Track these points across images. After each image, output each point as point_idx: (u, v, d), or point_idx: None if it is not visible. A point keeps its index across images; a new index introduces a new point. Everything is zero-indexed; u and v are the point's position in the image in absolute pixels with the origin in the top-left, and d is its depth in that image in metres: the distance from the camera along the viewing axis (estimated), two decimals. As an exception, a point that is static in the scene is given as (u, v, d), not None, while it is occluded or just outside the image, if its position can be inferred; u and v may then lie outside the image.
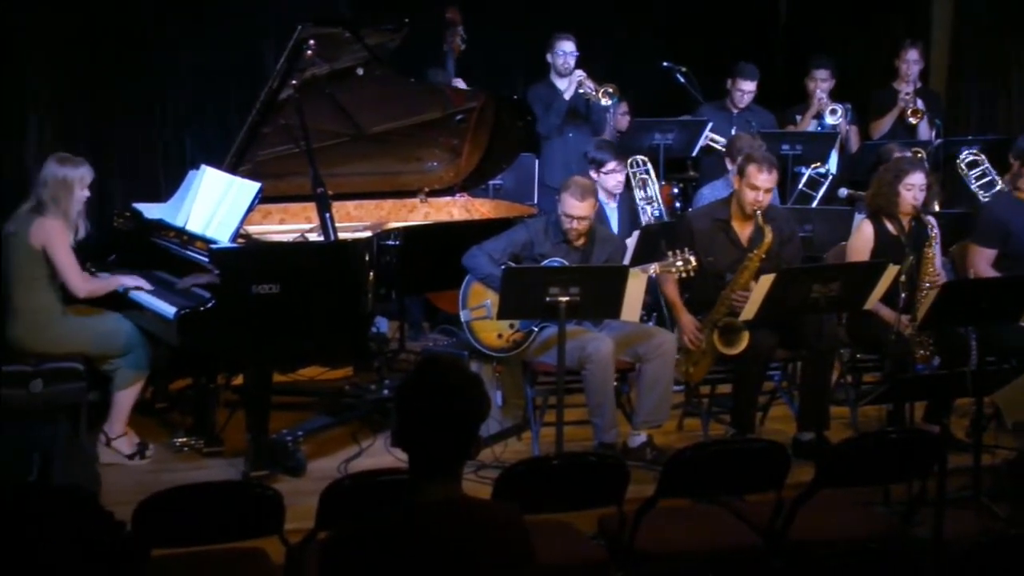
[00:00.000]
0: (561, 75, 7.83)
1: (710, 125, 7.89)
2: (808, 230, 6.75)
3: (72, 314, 5.55)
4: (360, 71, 6.02)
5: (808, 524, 4.20)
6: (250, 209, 5.52)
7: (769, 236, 5.77)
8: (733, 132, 7.57)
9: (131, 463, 5.66)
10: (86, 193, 5.56)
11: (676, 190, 8.17)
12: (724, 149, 7.25)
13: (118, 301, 5.67)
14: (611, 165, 6.77)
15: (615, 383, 5.72)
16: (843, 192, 7.85)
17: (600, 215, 6.61)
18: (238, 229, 5.49)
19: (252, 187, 5.52)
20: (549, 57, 7.85)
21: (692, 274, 5.71)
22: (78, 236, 5.55)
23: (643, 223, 7.10)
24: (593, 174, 6.73)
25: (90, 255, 5.66)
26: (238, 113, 7.02)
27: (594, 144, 7.05)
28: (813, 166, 7.76)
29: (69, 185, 5.48)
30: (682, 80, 8.41)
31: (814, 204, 7.64)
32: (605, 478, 4.09)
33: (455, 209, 7.07)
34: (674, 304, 5.96)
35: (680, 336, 5.87)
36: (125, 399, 5.64)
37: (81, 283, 5.53)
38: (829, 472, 4.30)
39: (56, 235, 5.44)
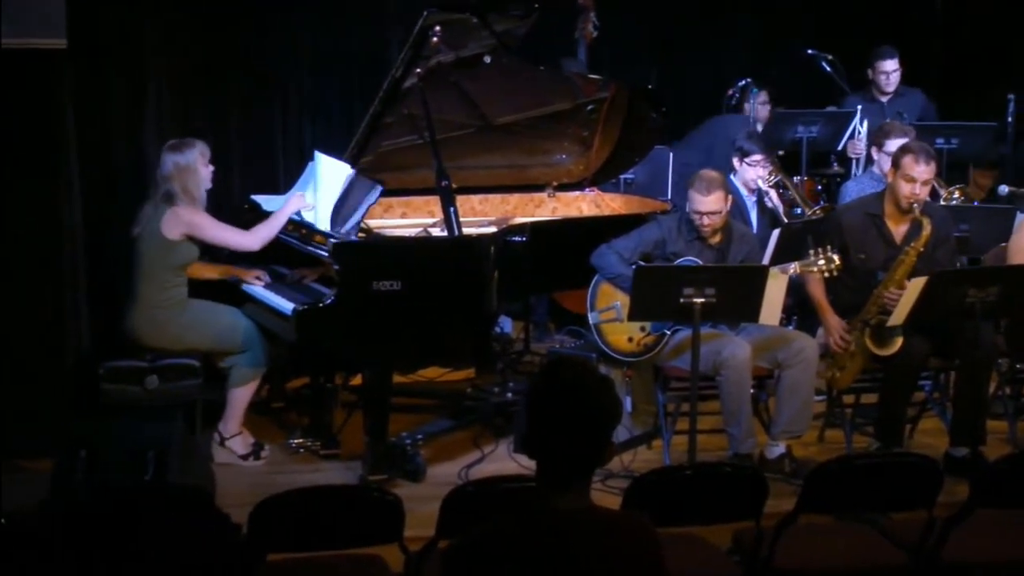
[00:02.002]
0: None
1: (858, 117, 7.76)
2: (965, 230, 6.58)
3: (191, 310, 5.67)
4: (487, 59, 6.04)
5: (964, 544, 4.10)
6: (372, 202, 5.58)
7: (928, 227, 5.65)
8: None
9: (245, 464, 5.77)
10: (211, 168, 5.71)
11: (820, 186, 8.05)
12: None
13: (236, 296, 5.78)
14: (756, 157, 6.71)
15: (752, 390, 5.66)
16: (1003, 189, 7.63)
17: (739, 208, 6.55)
18: (359, 223, 5.56)
19: (370, 183, 5.59)
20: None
21: (835, 274, 5.61)
22: None
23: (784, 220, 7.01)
24: (736, 162, 6.68)
25: (206, 248, 5.78)
26: (360, 103, 7.09)
27: (745, 133, 7.00)
28: None
29: (193, 168, 5.63)
30: (828, 69, 8.29)
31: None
32: (741, 490, 4.05)
33: (584, 204, 7.07)
34: (820, 304, 5.87)
35: (825, 339, 5.79)
36: (241, 397, 5.75)
37: (247, 239, 5.69)
38: (985, 491, 4.19)
39: (197, 218, 5.60)
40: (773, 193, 6.87)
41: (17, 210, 5.68)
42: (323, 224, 5.67)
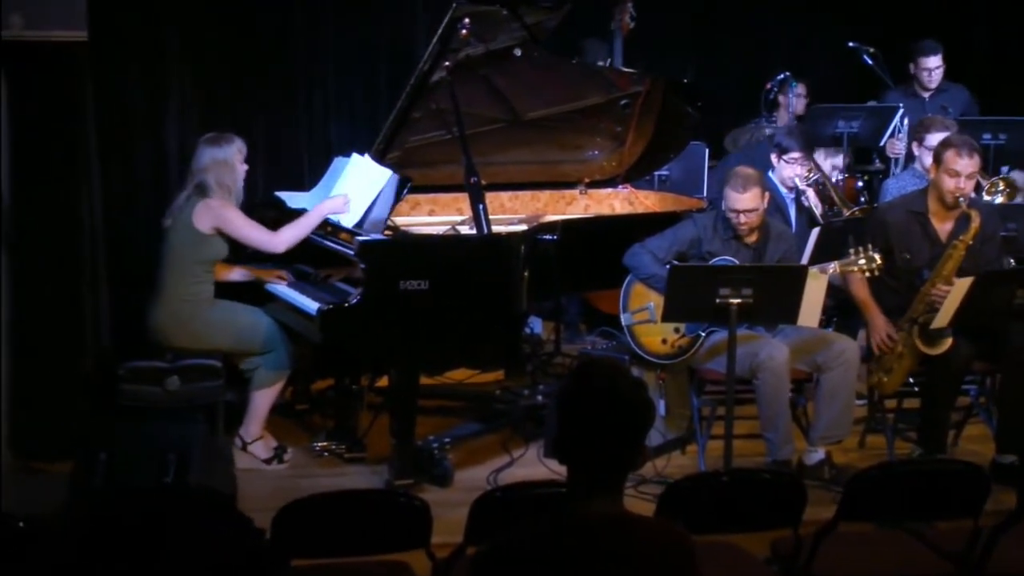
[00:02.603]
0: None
1: (901, 112, 7.72)
2: (1012, 228, 6.52)
3: (215, 308, 5.69)
4: (517, 52, 6.05)
5: (1011, 555, 4.07)
6: (398, 199, 5.59)
7: (976, 220, 5.61)
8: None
9: (268, 468, 5.78)
10: (246, 166, 5.73)
11: (860, 183, 8.01)
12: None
13: (258, 295, 5.80)
14: (795, 155, 6.66)
15: (790, 394, 5.65)
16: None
17: (777, 206, 6.53)
18: (386, 220, 5.56)
19: (397, 177, 5.60)
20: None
21: (876, 273, 5.58)
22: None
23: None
24: (774, 159, 6.66)
25: (231, 246, 5.80)
26: (386, 98, 7.10)
27: (784, 128, 6.98)
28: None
29: (230, 163, 5.65)
30: (870, 62, 8.24)
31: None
32: (779, 498, 4.03)
33: (617, 202, 7.05)
34: (865, 303, 5.83)
35: (871, 339, 5.76)
36: (263, 400, 5.76)
37: (273, 240, 5.68)
38: (1034, 499, 4.16)
39: (228, 212, 5.61)
40: (811, 192, 6.83)
41: (37, 207, 5.72)
42: (350, 221, 5.67)
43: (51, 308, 5.77)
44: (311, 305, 5.43)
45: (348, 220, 5.68)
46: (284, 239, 5.69)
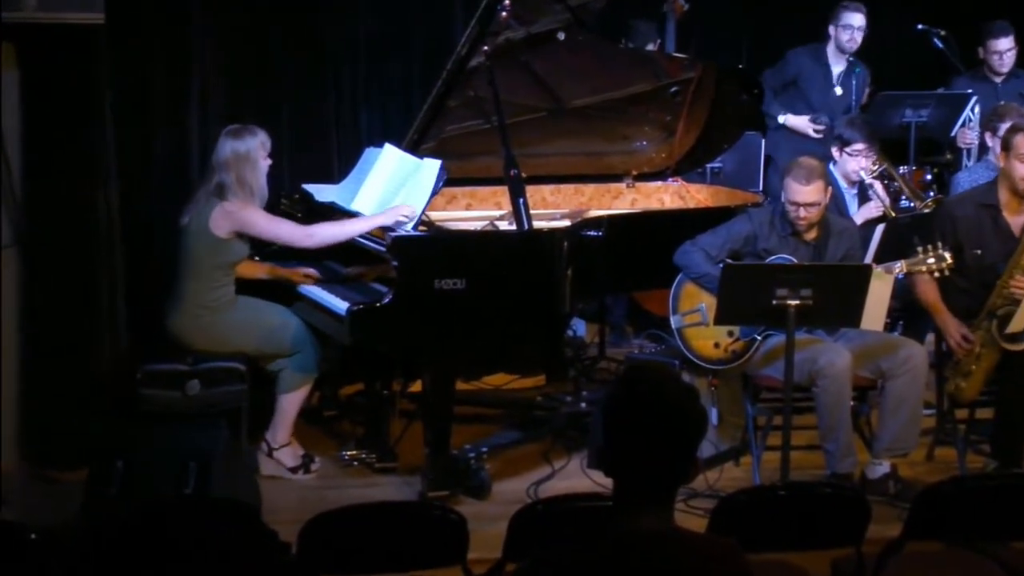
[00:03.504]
0: (842, 52, 7.86)
1: (975, 99, 7.67)
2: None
3: (239, 310, 5.71)
4: (561, 36, 6.05)
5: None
6: (434, 192, 5.60)
7: None
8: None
9: (294, 477, 5.80)
10: (269, 161, 5.73)
11: (929, 176, 7.96)
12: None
13: (287, 294, 5.82)
14: (858, 146, 6.62)
15: (852, 403, 5.62)
16: None
17: (838, 202, 6.50)
18: (421, 216, 5.57)
19: (434, 166, 5.60)
20: (831, 28, 7.80)
21: (947, 273, 5.55)
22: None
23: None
24: (835, 152, 6.62)
25: (254, 241, 5.83)
26: (420, 86, 7.11)
27: (845, 119, 6.94)
28: None
29: (252, 158, 5.64)
30: (940, 46, 8.19)
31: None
32: (840, 514, 4.02)
33: (667, 196, 7.05)
34: (934, 306, 5.80)
35: (946, 342, 5.73)
36: (290, 405, 5.78)
37: (303, 235, 5.69)
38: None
39: (248, 214, 5.60)
40: (878, 185, 6.79)
41: (50, 201, 5.75)
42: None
43: (65, 308, 5.81)
44: (341, 305, 5.44)
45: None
46: (319, 236, 5.69)
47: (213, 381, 5.54)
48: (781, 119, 7.75)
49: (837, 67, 7.86)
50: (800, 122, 7.75)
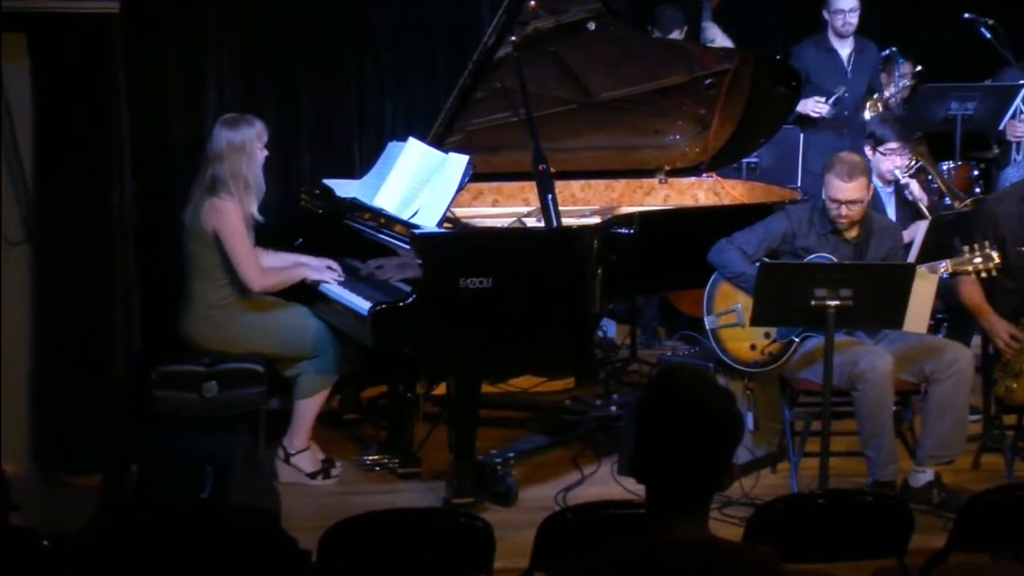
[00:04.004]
0: (841, 36, 7.77)
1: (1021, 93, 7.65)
2: None
3: (253, 309, 5.73)
4: (591, 25, 6.04)
5: None
6: (460, 188, 5.60)
7: None
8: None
9: (313, 483, 5.82)
10: (265, 152, 5.73)
11: (976, 172, 7.94)
12: None
13: (306, 293, 5.83)
14: (892, 145, 6.61)
15: (894, 407, 5.61)
16: None
17: (875, 202, 6.48)
18: (446, 212, 5.57)
19: (461, 161, 5.60)
20: (825, 14, 7.76)
21: (994, 273, 5.54)
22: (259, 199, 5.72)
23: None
24: (868, 152, 6.61)
25: (274, 239, 5.83)
26: (445, 78, 7.11)
27: (879, 117, 6.92)
28: None
29: (248, 149, 5.65)
30: (988, 35, 8.15)
31: None
32: (882, 523, 4.02)
33: (701, 192, 7.04)
34: (978, 307, 5.80)
35: (994, 344, 5.72)
36: (309, 408, 5.79)
37: (256, 276, 5.66)
38: None
39: (229, 218, 5.60)
40: (914, 184, 6.78)
41: (63, 197, 5.77)
42: (405, 212, 5.67)
43: (78, 308, 5.82)
44: (363, 305, 5.44)
45: (405, 211, 5.69)
46: (265, 283, 5.70)
47: (231, 383, 5.56)
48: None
49: (843, 50, 7.86)
50: (803, 106, 7.68)
